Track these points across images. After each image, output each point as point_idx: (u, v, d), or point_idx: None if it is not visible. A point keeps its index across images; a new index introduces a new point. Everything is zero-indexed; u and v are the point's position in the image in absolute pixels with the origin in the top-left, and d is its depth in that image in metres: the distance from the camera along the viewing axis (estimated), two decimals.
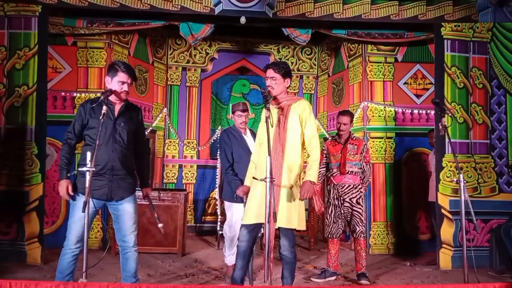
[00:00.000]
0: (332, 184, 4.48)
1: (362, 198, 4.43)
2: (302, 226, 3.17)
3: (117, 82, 3.13)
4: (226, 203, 4.26)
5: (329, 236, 4.46)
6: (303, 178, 3.20)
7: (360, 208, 4.39)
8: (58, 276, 3.09)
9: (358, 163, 4.44)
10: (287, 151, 3.15)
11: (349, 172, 4.41)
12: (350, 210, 4.39)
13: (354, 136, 4.56)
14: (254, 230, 3.20)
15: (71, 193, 3.08)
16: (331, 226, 4.44)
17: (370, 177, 4.55)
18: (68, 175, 3.12)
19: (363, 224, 4.41)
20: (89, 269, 2.79)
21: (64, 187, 3.07)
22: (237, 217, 4.01)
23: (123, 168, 3.15)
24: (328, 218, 4.48)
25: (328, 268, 4.46)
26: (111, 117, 3.10)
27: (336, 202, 4.43)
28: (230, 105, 4.48)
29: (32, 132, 4.73)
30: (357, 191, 4.41)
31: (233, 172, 4.09)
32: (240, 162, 4.05)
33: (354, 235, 4.40)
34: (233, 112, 4.32)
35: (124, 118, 3.20)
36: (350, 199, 4.39)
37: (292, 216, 3.10)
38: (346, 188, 4.41)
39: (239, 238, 3.25)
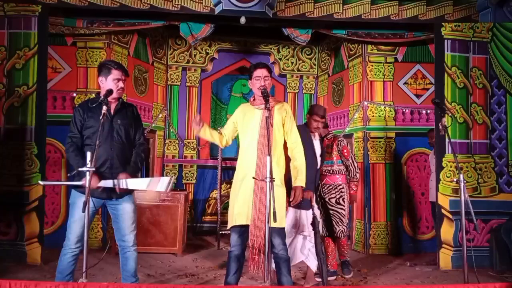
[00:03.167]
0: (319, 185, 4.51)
1: (343, 198, 4.39)
2: (285, 224, 3.27)
3: (112, 80, 3.15)
4: (290, 209, 3.95)
5: (324, 234, 4.49)
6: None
7: (341, 208, 4.37)
8: (58, 276, 3.09)
9: (339, 161, 4.43)
10: (274, 151, 3.19)
11: (327, 171, 4.39)
12: (329, 211, 4.40)
13: (330, 135, 4.48)
14: (244, 233, 3.22)
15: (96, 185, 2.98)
16: (322, 225, 4.47)
17: (358, 172, 4.50)
18: (68, 175, 3.11)
19: (344, 224, 4.38)
20: (89, 269, 2.78)
21: (95, 180, 2.94)
22: (289, 223, 3.87)
23: (121, 166, 3.16)
24: (319, 216, 4.53)
25: (327, 267, 4.46)
26: (108, 116, 3.11)
27: (321, 202, 4.47)
28: (312, 105, 4.46)
29: (32, 132, 4.72)
30: (337, 191, 4.40)
31: None
32: (306, 165, 3.85)
33: (335, 234, 4.40)
34: (311, 114, 4.22)
35: (121, 116, 3.22)
36: (329, 199, 4.40)
37: (282, 215, 3.16)
38: (326, 188, 4.41)
39: (231, 244, 3.27)
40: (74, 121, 3.18)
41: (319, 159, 4.15)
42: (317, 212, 4.00)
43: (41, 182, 3.20)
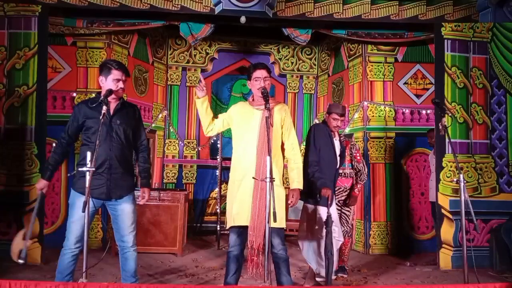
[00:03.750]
0: None
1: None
2: (284, 224, 3.24)
3: (112, 80, 3.14)
4: (312, 207, 3.97)
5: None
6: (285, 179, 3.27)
7: (348, 210, 4.43)
8: (58, 276, 3.09)
9: (350, 164, 4.44)
10: (273, 151, 3.16)
11: (339, 174, 4.39)
12: (339, 212, 4.41)
13: (342, 138, 4.43)
14: (242, 233, 3.21)
15: (43, 193, 3.20)
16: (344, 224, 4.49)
17: (366, 176, 4.53)
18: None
19: (349, 225, 4.45)
20: (89, 269, 2.79)
21: (41, 185, 3.15)
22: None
23: (120, 166, 3.15)
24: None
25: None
26: (107, 116, 3.10)
27: None
28: (329, 104, 4.31)
29: (32, 132, 4.72)
30: (347, 194, 4.43)
31: (319, 169, 3.85)
32: (326, 164, 3.90)
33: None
34: (329, 113, 4.15)
35: (120, 116, 3.20)
36: (338, 201, 4.41)
37: (282, 215, 3.13)
38: (337, 190, 4.41)
39: (230, 244, 3.26)
40: (71, 121, 3.18)
41: (338, 158, 4.11)
42: (333, 212, 3.96)
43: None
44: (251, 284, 3.79)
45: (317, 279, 4.40)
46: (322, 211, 3.88)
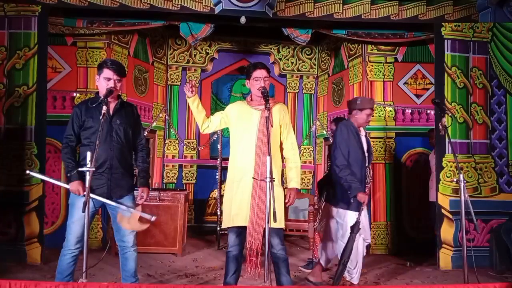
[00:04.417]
0: None
1: None
2: (283, 224, 3.24)
3: (103, 79, 3.15)
4: (339, 211, 3.89)
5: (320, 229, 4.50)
6: (285, 178, 3.32)
7: None
8: (58, 276, 3.10)
9: None
10: (272, 151, 3.13)
11: None
12: None
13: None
14: (242, 233, 3.21)
15: (82, 193, 3.03)
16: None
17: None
18: (68, 175, 3.12)
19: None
20: (89, 269, 2.79)
21: (80, 185, 3.03)
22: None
23: (121, 166, 3.15)
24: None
25: (314, 259, 4.52)
26: (107, 116, 3.10)
27: None
28: (359, 99, 4.01)
29: (32, 132, 4.72)
30: None
31: (350, 171, 3.76)
32: (355, 164, 3.82)
33: None
34: (361, 109, 3.89)
35: (120, 116, 3.21)
36: None
37: (281, 215, 3.13)
38: None
39: (229, 244, 3.26)
40: (72, 120, 3.18)
41: (366, 154, 3.98)
42: (364, 217, 3.87)
43: (29, 172, 3.29)
44: (251, 284, 3.79)
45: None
46: (350, 216, 3.81)
